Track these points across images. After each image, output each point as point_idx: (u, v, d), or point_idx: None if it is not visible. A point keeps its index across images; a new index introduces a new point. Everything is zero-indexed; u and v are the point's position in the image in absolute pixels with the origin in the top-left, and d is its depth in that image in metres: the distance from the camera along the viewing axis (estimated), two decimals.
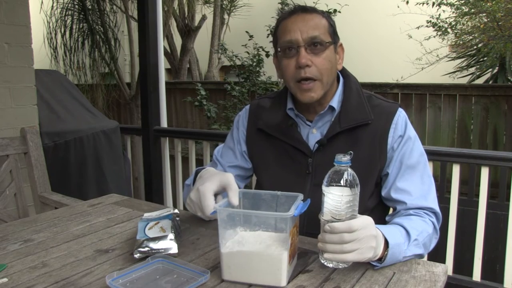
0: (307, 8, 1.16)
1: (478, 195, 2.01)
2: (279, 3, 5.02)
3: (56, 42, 5.42)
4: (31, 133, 1.95)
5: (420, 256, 1.01)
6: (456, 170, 2.04)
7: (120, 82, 5.61)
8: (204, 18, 6.79)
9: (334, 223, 0.84)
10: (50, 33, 5.40)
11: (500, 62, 5.40)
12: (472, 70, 5.92)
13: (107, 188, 2.79)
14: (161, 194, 2.97)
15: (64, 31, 5.36)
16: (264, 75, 4.94)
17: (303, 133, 1.21)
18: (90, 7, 5.34)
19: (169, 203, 3.01)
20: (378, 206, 1.19)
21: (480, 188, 1.98)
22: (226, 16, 7.43)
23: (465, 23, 5.70)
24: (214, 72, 7.24)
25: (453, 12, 5.64)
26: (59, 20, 5.34)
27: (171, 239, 0.98)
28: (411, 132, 1.16)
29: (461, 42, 5.79)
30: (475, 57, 5.87)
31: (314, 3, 4.24)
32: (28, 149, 1.92)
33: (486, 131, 4.43)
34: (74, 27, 5.36)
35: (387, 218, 1.17)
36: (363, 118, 1.14)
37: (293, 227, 0.86)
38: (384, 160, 1.14)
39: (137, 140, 3.29)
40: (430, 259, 1.55)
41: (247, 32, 4.88)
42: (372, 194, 1.16)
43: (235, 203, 0.92)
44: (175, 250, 0.96)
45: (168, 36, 6.56)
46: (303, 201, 0.90)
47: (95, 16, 5.37)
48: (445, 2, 5.51)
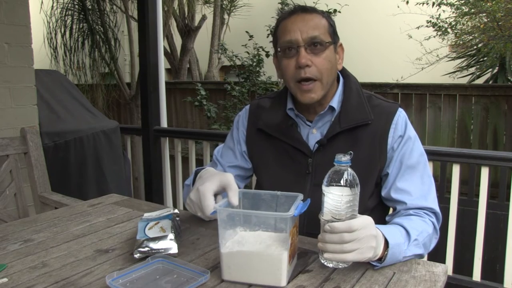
0: (307, 8, 1.16)
1: (478, 195, 2.01)
2: (279, 3, 5.02)
3: (56, 42, 5.42)
4: (31, 133, 1.95)
5: (420, 256, 1.01)
6: (456, 170, 2.04)
7: (120, 82, 5.61)
8: (204, 18, 6.78)
9: (334, 223, 0.84)
10: (50, 33, 5.40)
11: (500, 62, 5.40)
12: (472, 70, 5.92)
13: (107, 188, 2.79)
14: (161, 194, 2.97)
15: (64, 31, 5.36)
16: (264, 75, 4.94)
17: (303, 133, 1.21)
18: (90, 7, 5.34)
19: (169, 203, 3.01)
20: (378, 206, 1.19)
21: (480, 188, 1.98)
22: (226, 16, 7.43)
23: (465, 23, 5.70)
24: (214, 72, 7.24)
25: (453, 12, 5.64)
26: (59, 20, 5.34)
27: (171, 239, 0.98)
28: (411, 132, 1.16)
29: (461, 42, 5.79)
30: (475, 57, 5.87)
31: (314, 3, 4.24)
32: (28, 149, 1.92)
33: (486, 131, 4.43)
34: (74, 27, 5.36)
35: (387, 218, 1.17)
36: (363, 118, 1.14)
37: (293, 227, 0.86)
38: (384, 160, 1.14)
39: (137, 140, 3.29)
40: (430, 259, 1.55)
41: (247, 32, 4.88)
42: (372, 194, 1.16)
43: (235, 203, 0.92)
44: (175, 250, 0.96)
45: (168, 36, 6.56)
46: (303, 201, 0.90)
47: (95, 16, 5.37)
48: (445, 2, 5.51)
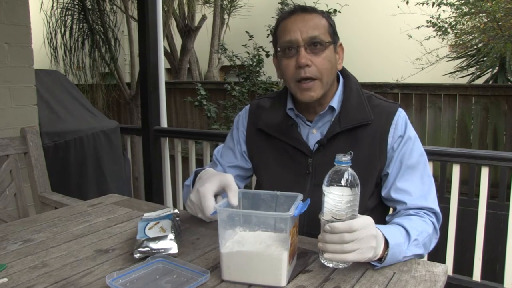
0: (307, 8, 1.16)
1: (478, 195, 2.01)
2: (279, 3, 5.02)
3: (56, 42, 5.42)
4: (31, 133, 1.95)
5: (420, 256, 1.01)
6: (456, 170, 2.04)
7: (120, 82, 5.61)
8: (204, 18, 6.78)
9: (334, 223, 0.84)
10: (50, 33, 5.40)
11: (500, 62, 5.40)
12: (472, 70, 5.92)
13: (107, 188, 2.79)
14: (161, 194, 2.97)
15: (64, 31, 5.36)
16: (264, 75, 4.94)
17: (303, 133, 1.21)
18: (90, 7, 5.34)
19: (169, 203, 3.01)
20: (378, 206, 1.19)
21: (480, 188, 1.98)
22: (226, 16, 7.43)
23: (465, 23, 5.70)
24: (214, 72, 7.23)
25: (453, 12, 5.64)
26: (59, 20, 5.34)
27: (171, 239, 0.98)
28: (411, 132, 1.16)
29: (461, 42, 5.79)
30: (475, 57, 5.87)
31: (314, 3, 4.24)
32: (28, 149, 1.92)
33: (486, 131, 4.43)
34: (74, 27, 5.36)
35: (387, 218, 1.17)
36: (363, 118, 1.14)
37: (292, 227, 0.86)
38: (384, 160, 1.14)
39: (137, 140, 3.29)
40: (430, 259, 1.55)
41: (247, 32, 4.88)
42: (372, 194, 1.16)
43: (234, 203, 0.92)
44: (175, 250, 0.96)
45: (168, 36, 6.56)
46: (303, 201, 0.90)
47: (95, 16, 5.37)
48: (445, 2, 5.51)
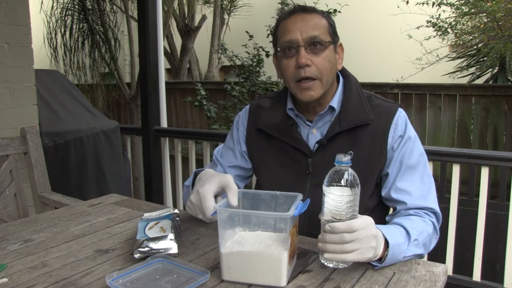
0: (307, 8, 1.16)
1: (478, 195, 2.01)
2: (279, 3, 5.02)
3: (56, 42, 5.42)
4: (31, 133, 1.95)
5: (420, 256, 1.01)
6: (456, 170, 2.04)
7: (120, 82, 5.61)
8: (204, 18, 6.78)
9: (334, 223, 0.84)
10: (50, 33, 5.40)
11: (500, 62, 5.40)
12: (472, 70, 5.92)
13: (107, 188, 2.79)
14: (161, 194, 2.97)
15: (64, 31, 5.36)
16: (264, 75, 4.94)
17: (303, 133, 1.21)
18: (90, 7, 5.34)
19: (169, 203, 3.01)
20: (378, 206, 1.19)
21: (480, 188, 1.98)
22: (226, 16, 7.43)
23: (465, 23, 5.70)
24: (214, 72, 7.23)
25: (453, 12, 5.64)
26: (59, 20, 5.34)
27: (171, 239, 0.98)
28: (411, 132, 1.16)
29: (461, 42, 5.79)
30: (475, 57, 5.87)
31: (314, 3, 4.24)
32: (28, 149, 1.92)
33: (486, 131, 4.43)
34: (74, 27, 5.36)
35: (387, 218, 1.17)
36: (363, 118, 1.14)
37: (292, 227, 0.86)
38: (384, 160, 1.14)
39: (137, 140, 3.29)
40: (430, 259, 1.55)
41: (247, 32, 4.88)
42: (372, 194, 1.16)
43: (234, 203, 0.92)
44: (175, 250, 0.96)
45: (168, 36, 6.56)
46: (303, 201, 0.90)
47: (95, 16, 5.37)
48: (445, 2, 5.51)
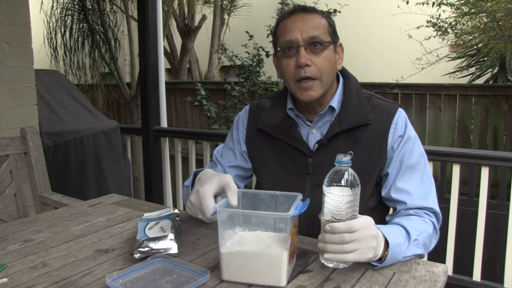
0: (306, 8, 1.16)
1: (478, 195, 2.01)
2: (279, 3, 5.02)
3: (56, 42, 5.42)
4: (31, 133, 1.95)
5: (420, 256, 1.01)
6: (456, 170, 2.04)
7: (120, 82, 5.61)
8: (204, 18, 6.78)
9: (334, 223, 0.84)
10: (50, 33, 5.40)
11: (500, 62, 5.40)
12: (472, 70, 5.92)
13: (107, 188, 2.79)
14: (161, 194, 2.97)
15: (64, 31, 5.36)
16: (264, 75, 4.94)
17: (303, 133, 1.21)
18: (90, 7, 5.33)
19: (169, 203, 3.01)
20: (378, 206, 1.19)
21: (480, 188, 1.98)
22: (226, 16, 7.43)
23: (465, 23, 5.70)
24: (214, 72, 7.23)
25: (453, 12, 5.64)
26: (59, 20, 5.33)
27: (171, 239, 0.98)
28: (411, 132, 1.16)
29: (461, 42, 5.79)
30: (475, 57, 5.87)
31: (314, 3, 4.24)
32: (28, 149, 1.92)
33: (486, 131, 4.43)
34: (74, 27, 5.35)
35: (387, 218, 1.17)
36: (363, 118, 1.14)
37: (292, 227, 0.86)
38: (384, 160, 1.14)
39: (137, 140, 3.29)
40: (430, 259, 1.55)
41: (247, 32, 4.88)
42: (372, 194, 1.16)
43: (234, 203, 0.92)
44: (175, 250, 0.96)
45: (168, 36, 6.56)
46: (302, 201, 0.90)
47: (95, 16, 5.37)
48: (445, 2, 5.51)
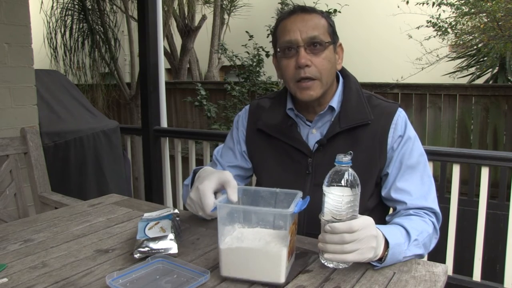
0: (306, 8, 1.16)
1: (478, 195, 2.01)
2: (279, 3, 5.02)
3: (56, 42, 5.41)
4: (31, 133, 1.95)
5: (420, 256, 1.01)
6: (456, 170, 2.04)
7: (120, 82, 5.61)
8: (204, 18, 6.78)
9: (334, 223, 0.84)
10: (50, 33, 5.39)
11: (500, 62, 5.39)
12: (472, 70, 5.91)
13: (107, 188, 2.79)
14: (161, 194, 2.97)
15: (64, 31, 5.36)
16: (264, 75, 4.94)
17: (302, 133, 1.21)
18: (90, 7, 5.33)
19: (169, 203, 3.01)
20: (378, 206, 1.19)
21: (480, 188, 1.98)
22: (226, 16, 7.43)
23: (465, 23, 5.70)
24: (214, 72, 7.23)
25: (453, 12, 5.64)
26: (59, 20, 5.33)
27: (171, 239, 0.97)
28: (411, 132, 1.16)
29: (461, 42, 5.79)
30: (475, 57, 5.87)
31: (314, 3, 4.24)
32: (28, 149, 1.92)
33: (486, 131, 4.43)
34: (74, 27, 5.35)
35: (387, 218, 1.17)
36: (363, 118, 1.14)
37: (292, 224, 0.86)
38: (384, 160, 1.14)
39: (137, 140, 3.29)
40: (430, 259, 1.55)
41: (247, 32, 4.88)
42: (372, 194, 1.16)
43: (234, 199, 0.91)
44: (175, 250, 0.96)
45: (168, 36, 6.56)
46: (302, 199, 0.90)
47: (95, 16, 5.37)
48: (445, 2, 5.51)
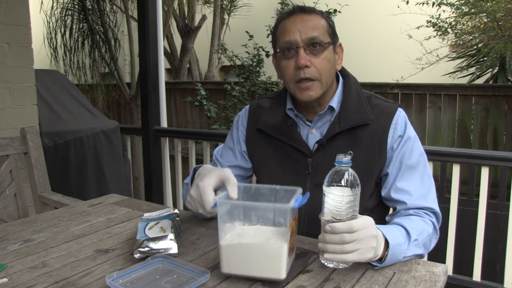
0: (306, 8, 1.16)
1: (478, 195, 2.01)
2: (279, 3, 5.02)
3: (56, 42, 5.42)
4: (31, 133, 1.95)
5: (420, 256, 1.01)
6: (456, 170, 2.04)
7: (120, 82, 5.61)
8: (204, 18, 6.78)
9: (334, 223, 0.84)
10: (50, 33, 5.40)
11: (500, 62, 5.39)
12: (472, 70, 5.91)
13: (107, 188, 2.79)
14: (161, 194, 2.97)
15: (64, 31, 5.36)
16: (264, 75, 4.94)
17: (302, 133, 1.21)
18: (90, 7, 5.34)
19: (169, 203, 3.01)
20: (378, 206, 1.19)
21: (480, 188, 1.98)
22: (226, 16, 7.43)
23: (465, 23, 5.70)
24: (214, 72, 7.23)
25: (453, 12, 5.64)
26: (59, 20, 5.33)
27: (171, 239, 0.98)
28: (411, 132, 1.15)
29: (461, 42, 5.79)
30: (475, 57, 5.87)
31: (314, 3, 4.24)
32: (28, 149, 1.92)
33: (486, 131, 4.43)
34: (74, 27, 5.35)
35: (387, 218, 1.17)
36: (363, 118, 1.14)
37: (292, 220, 0.86)
38: (384, 160, 1.14)
39: (137, 140, 3.29)
40: (430, 259, 1.55)
41: (247, 32, 4.88)
42: (372, 194, 1.16)
43: (234, 196, 0.91)
44: (175, 250, 0.96)
45: (168, 36, 6.56)
46: (302, 195, 0.90)
47: (95, 16, 5.37)
48: (445, 2, 5.51)
